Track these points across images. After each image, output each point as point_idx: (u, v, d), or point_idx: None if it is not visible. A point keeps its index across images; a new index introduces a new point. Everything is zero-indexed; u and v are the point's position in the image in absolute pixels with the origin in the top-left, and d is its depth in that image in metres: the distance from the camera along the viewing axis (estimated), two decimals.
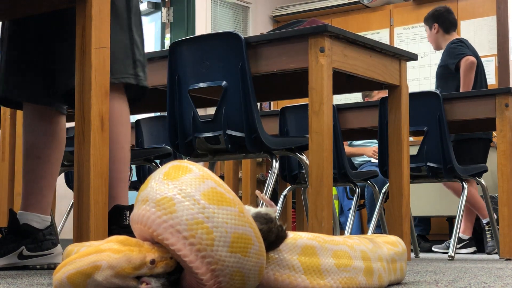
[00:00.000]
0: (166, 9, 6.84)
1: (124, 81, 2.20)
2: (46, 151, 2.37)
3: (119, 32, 2.21)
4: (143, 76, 2.27)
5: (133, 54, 2.24)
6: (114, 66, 2.13)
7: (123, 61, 2.21)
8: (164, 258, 1.09)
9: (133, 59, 2.23)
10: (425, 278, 1.86)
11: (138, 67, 2.24)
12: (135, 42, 2.25)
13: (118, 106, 2.20)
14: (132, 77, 2.23)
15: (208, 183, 1.09)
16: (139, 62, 2.26)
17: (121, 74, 2.19)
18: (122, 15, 2.23)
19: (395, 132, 3.12)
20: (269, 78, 3.27)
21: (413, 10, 7.04)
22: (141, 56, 2.27)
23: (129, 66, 2.22)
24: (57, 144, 2.40)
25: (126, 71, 2.21)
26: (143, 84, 2.26)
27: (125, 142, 2.22)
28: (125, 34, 2.23)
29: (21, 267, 2.32)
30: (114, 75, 2.14)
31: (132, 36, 2.24)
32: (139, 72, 2.25)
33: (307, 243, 1.25)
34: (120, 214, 2.14)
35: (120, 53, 2.20)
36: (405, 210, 3.09)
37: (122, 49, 2.21)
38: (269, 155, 2.91)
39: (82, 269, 1.06)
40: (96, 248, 1.07)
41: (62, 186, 4.30)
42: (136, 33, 2.27)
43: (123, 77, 2.20)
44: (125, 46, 2.22)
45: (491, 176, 5.26)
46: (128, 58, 2.22)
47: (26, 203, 2.36)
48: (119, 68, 2.19)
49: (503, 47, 6.52)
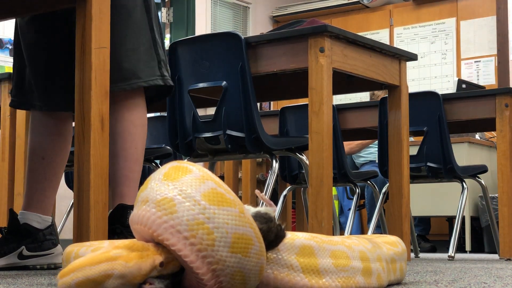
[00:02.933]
0: (166, 9, 6.85)
1: (153, 83, 2.25)
2: (51, 152, 2.37)
3: (141, 34, 2.24)
4: (168, 75, 2.32)
5: (157, 55, 2.28)
6: (141, 69, 2.20)
7: (149, 63, 2.25)
8: (171, 259, 1.09)
9: (158, 60, 2.27)
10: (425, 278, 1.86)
11: (163, 67, 2.29)
12: (157, 42, 2.28)
13: (138, 108, 2.25)
14: (160, 78, 2.27)
15: (209, 183, 1.10)
16: (163, 62, 2.30)
17: (149, 77, 2.24)
18: (141, 17, 2.25)
19: (395, 132, 3.12)
20: (269, 78, 3.27)
21: (413, 10, 7.04)
22: (163, 55, 2.32)
23: (155, 67, 2.26)
24: (63, 145, 2.40)
25: (153, 73, 2.25)
26: (170, 83, 2.31)
27: (141, 143, 2.26)
28: (147, 36, 2.25)
29: (21, 267, 2.32)
30: (142, 78, 2.21)
31: (154, 37, 2.28)
32: (164, 72, 2.29)
33: (305, 243, 1.25)
34: (123, 213, 2.15)
35: (145, 56, 2.24)
36: (405, 210, 3.09)
37: (146, 51, 2.25)
38: (269, 155, 2.91)
39: (93, 277, 1.05)
40: (106, 255, 1.06)
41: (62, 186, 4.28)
42: (157, 33, 2.30)
43: (151, 80, 2.24)
44: (149, 48, 2.26)
45: (491, 176, 5.26)
46: (153, 60, 2.26)
47: (28, 203, 2.36)
48: (145, 71, 2.23)
49: (503, 47, 6.52)
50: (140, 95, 2.27)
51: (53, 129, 2.38)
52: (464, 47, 6.75)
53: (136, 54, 2.21)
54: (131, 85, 2.19)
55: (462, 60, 6.75)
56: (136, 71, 2.19)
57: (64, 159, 2.41)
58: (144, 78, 2.22)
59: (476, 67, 6.68)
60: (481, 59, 6.66)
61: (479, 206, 5.58)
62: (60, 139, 2.39)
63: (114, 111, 2.17)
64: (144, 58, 2.23)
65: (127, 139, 2.22)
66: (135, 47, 2.21)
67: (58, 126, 2.38)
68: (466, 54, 6.74)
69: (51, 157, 2.37)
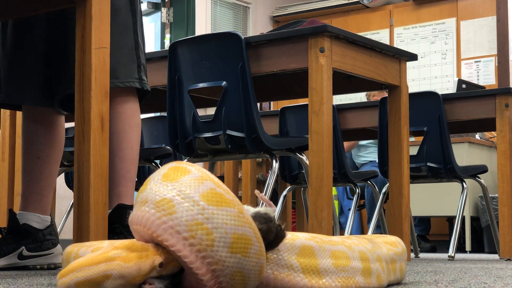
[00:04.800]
0: (166, 9, 6.84)
1: (129, 85, 2.25)
2: (46, 151, 2.37)
3: (124, 36, 2.25)
4: (146, 80, 2.33)
5: (138, 58, 2.29)
6: (119, 70, 2.20)
7: (128, 65, 2.26)
8: (171, 260, 1.09)
9: (137, 63, 2.28)
10: (425, 278, 1.86)
11: (142, 71, 2.30)
12: (139, 46, 2.29)
13: (131, 108, 2.27)
14: (137, 81, 2.28)
15: (207, 184, 1.10)
16: (143, 66, 2.31)
17: (126, 78, 2.24)
18: (126, 19, 2.26)
19: (395, 132, 3.12)
20: (269, 78, 3.27)
21: (413, 10, 7.04)
22: (144, 60, 2.33)
23: (134, 70, 2.27)
24: (56, 144, 2.40)
25: (131, 75, 2.26)
26: (146, 88, 2.32)
27: (136, 143, 2.27)
28: (131, 38, 2.27)
29: (21, 267, 2.32)
30: (120, 79, 2.22)
31: (137, 40, 2.29)
32: (142, 76, 2.30)
33: (305, 243, 1.25)
34: (122, 213, 2.15)
35: (125, 57, 2.25)
36: (405, 210, 3.09)
37: (127, 53, 2.26)
38: (269, 155, 2.91)
39: (92, 277, 1.05)
40: (105, 256, 1.06)
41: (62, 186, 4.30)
42: (140, 37, 2.31)
43: (128, 81, 2.25)
44: (130, 50, 2.27)
45: (491, 176, 5.26)
46: (133, 63, 2.27)
47: (26, 203, 2.36)
48: (125, 72, 2.24)
49: (503, 47, 6.52)
50: (133, 96, 2.28)
51: (43, 128, 2.38)
52: (464, 47, 6.75)
53: (117, 55, 2.20)
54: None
55: (462, 60, 6.75)
56: (114, 71, 2.17)
57: (58, 156, 2.42)
58: (121, 79, 2.22)
59: (476, 67, 6.68)
60: (481, 59, 6.66)
61: (479, 206, 5.58)
62: (53, 137, 2.39)
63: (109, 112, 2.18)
64: (124, 60, 2.24)
65: (123, 139, 2.23)
66: (116, 48, 2.20)
67: (48, 124, 2.38)
68: (466, 54, 6.74)
69: (46, 156, 2.37)
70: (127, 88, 2.26)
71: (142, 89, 2.30)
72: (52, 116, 2.39)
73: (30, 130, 2.38)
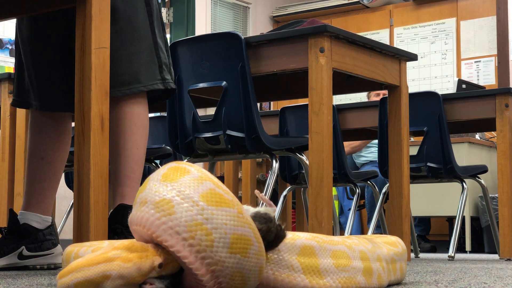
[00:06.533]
0: (166, 9, 6.85)
1: (153, 87, 2.26)
2: (50, 152, 2.37)
3: (142, 39, 2.26)
4: (170, 78, 2.33)
5: (158, 59, 2.29)
6: (142, 73, 2.22)
7: (150, 67, 2.26)
8: (170, 260, 1.09)
9: (158, 64, 2.29)
10: (425, 278, 1.86)
11: (164, 71, 2.30)
12: (159, 46, 2.29)
13: (139, 108, 2.26)
14: (160, 82, 2.28)
15: (207, 184, 1.10)
16: (165, 65, 2.31)
17: (150, 81, 2.26)
18: (143, 21, 2.26)
19: (395, 132, 3.12)
20: (269, 78, 3.27)
21: (413, 10, 7.04)
22: (165, 59, 2.32)
23: (156, 71, 2.28)
24: (62, 145, 2.40)
25: (154, 77, 2.27)
26: (171, 86, 2.32)
27: (142, 144, 2.27)
28: (149, 40, 2.27)
29: (21, 267, 2.32)
30: (143, 83, 2.24)
31: (155, 40, 2.29)
32: (165, 75, 2.30)
33: (306, 243, 1.25)
34: (123, 213, 2.15)
35: (146, 60, 2.26)
36: (405, 210, 3.09)
37: (147, 55, 2.26)
38: (269, 155, 2.91)
39: (91, 278, 1.05)
40: (104, 256, 1.06)
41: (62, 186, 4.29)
42: (159, 36, 2.31)
43: (151, 84, 2.26)
44: (150, 52, 2.27)
45: (491, 176, 5.26)
46: (154, 64, 2.28)
47: (28, 203, 2.36)
48: (146, 75, 2.25)
49: (503, 47, 6.52)
50: (142, 96, 2.28)
51: (52, 129, 2.38)
52: (464, 47, 6.75)
53: (137, 59, 2.22)
54: (131, 89, 2.21)
55: (462, 60, 6.75)
56: (137, 75, 2.21)
57: (63, 158, 2.41)
58: (145, 83, 2.24)
59: (476, 67, 6.68)
60: (481, 59, 6.66)
61: (479, 206, 5.58)
62: (59, 139, 2.39)
63: (116, 111, 2.19)
64: (145, 63, 2.25)
65: (129, 139, 2.23)
66: (136, 51, 2.22)
67: (57, 126, 2.39)
68: (466, 54, 6.74)
69: (50, 157, 2.37)
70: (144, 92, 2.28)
71: (165, 89, 2.31)
72: (61, 118, 2.40)
73: (38, 131, 2.38)
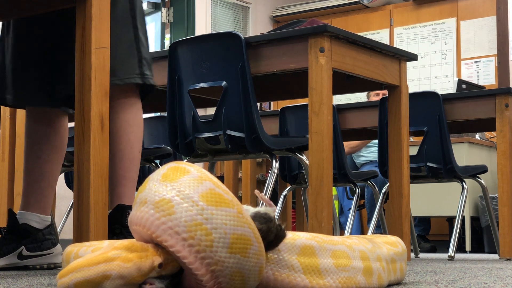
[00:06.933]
0: (166, 9, 6.84)
1: (129, 81, 2.21)
2: (47, 151, 2.37)
3: (123, 32, 2.21)
4: (150, 74, 2.27)
5: (138, 53, 2.24)
6: (118, 67, 2.15)
7: (128, 61, 2.21)
8: (170, 260, 1.09)
9: (138, 58, 2.24)
10: (425, 278, 1.86)
11: (144, 66, 2.25)
12: (140, 40, 2.25)
13: (132, 106, 2.23)
14: (138, 76, 2.23)
15: (207, 184, 1.09)
16: (145, 60, 2.26)
17: (125, 75, 2.20)
18: (125, 14, 2.23)
19: (395, 132, 3.12)
20: (269, 78, 3.27)
21: (413, 10, 7.04)
22: (147, 54, 2.27)
23: (135, 65, 2.23)
24: (59, 144, 2.40)
25: (132, 71, 2.21)
26: (149, 82, 2.27)
27: (137, 142, 2.24)
28: (130, 33, 2.23)
29: (21, 267, 2.32)
30: (119, 76, 2.16)
31: (137, 34, 2.25)
32: (145, 70, 2.25)
33: (306, 243, 1.25)
34: (122, 214, 2.15)
35: (125, 53, 2.21)
36: (405, 210, 3.09)
37: (127, 49, 2.22)
38: (269, 155, 2.91)
39: (91, 278, 1.05)
40: (104, 256, 1.06)
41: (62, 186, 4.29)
42: (141, 32, 2.27)
43: (128, 78, 2.20)
44: (130, 46, 2.23)
45: (491, 176, 5.26)
46: (133, 58, 2.23)
47: (26, 203, 2.36)
48: (124, 69, 2.19)
49: (503, 47, 6.51)
50: (134, 95, 2.25)
51: (47, 128, 2.37)
52: (464, 47, 6.75)
53: (115, 51, 2.12)
54: None
55: (462, 60, 6.75)
56: (113, 69, 2.10)
57: (60, 157, 2.41)
58: (120, 76, 2.17)
59: (476, 67, 6.67)
60: (481, 59, 6.66)
61: (479, 206, 5.58)
62: (56, 137, 2.38)
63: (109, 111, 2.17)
64: (123, 56, 2.19)
65: (123, 138, 2.21)
66: (114, 44, 2.16)
67: (53, 124, 2.38)
68: (466, 54, 6.74)
69: (47, 156, 2.37)
70: (127, 85, 2.21)
71: (145, 84, 2.25)
72: (56, 116, 2.39)
73: (33, 130, 2.38)
